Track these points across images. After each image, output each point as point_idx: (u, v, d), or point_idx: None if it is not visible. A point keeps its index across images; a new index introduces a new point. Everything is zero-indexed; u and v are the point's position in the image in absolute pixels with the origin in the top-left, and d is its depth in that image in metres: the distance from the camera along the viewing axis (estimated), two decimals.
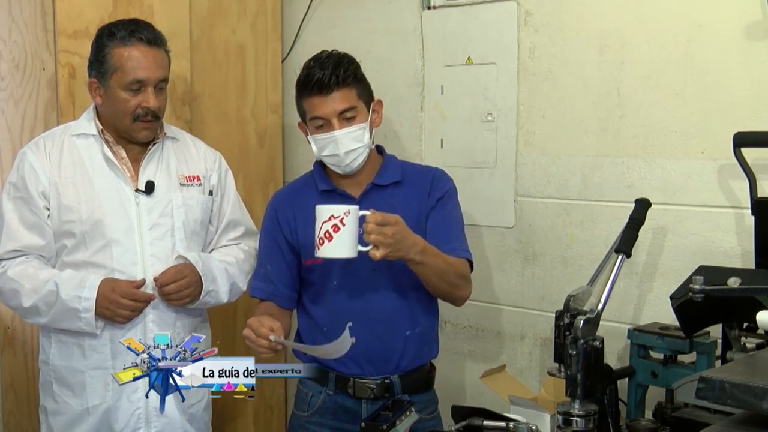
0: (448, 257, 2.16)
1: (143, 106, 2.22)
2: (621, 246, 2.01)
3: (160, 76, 2.24)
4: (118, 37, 2.22)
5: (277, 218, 2.30)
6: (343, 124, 2.15)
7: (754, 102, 2.16)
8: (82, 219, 2.23)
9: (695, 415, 1.82)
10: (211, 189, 2.42)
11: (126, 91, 2.22)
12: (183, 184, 2.35)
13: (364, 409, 2.22)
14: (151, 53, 2.23)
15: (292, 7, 3.15)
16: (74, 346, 2.28)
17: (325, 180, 2.26)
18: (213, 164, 2.44)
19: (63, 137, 2.30)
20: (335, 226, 2.01)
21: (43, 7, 2.60)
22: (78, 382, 2.28)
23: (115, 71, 2.22)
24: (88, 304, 2.17)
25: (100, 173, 2.27)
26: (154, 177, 2.30)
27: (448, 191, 2.27)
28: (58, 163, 2.26)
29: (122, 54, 2.21)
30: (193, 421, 2.39)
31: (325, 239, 2.00)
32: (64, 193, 2.24)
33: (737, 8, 2.16)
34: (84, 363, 2.27)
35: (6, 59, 2.67)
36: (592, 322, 1.79)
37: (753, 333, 1.91)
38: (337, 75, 2.12)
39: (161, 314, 2.30)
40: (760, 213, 2.03)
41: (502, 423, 1.85)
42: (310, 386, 2.29)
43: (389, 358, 2.21)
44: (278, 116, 3.13)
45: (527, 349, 2.63)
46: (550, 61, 2.52)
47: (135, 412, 2.28)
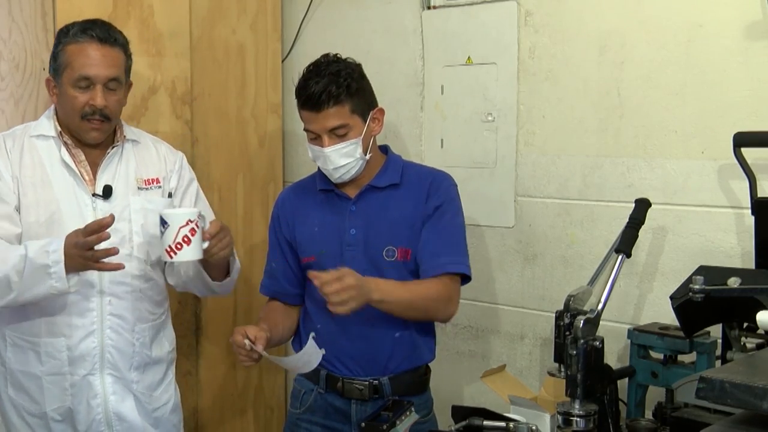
0: (418, 285, 2.16)
1: (90, 104, 2.17)
2: (621, 246, 2.02)
3: (110, 75, 2.18)
4: (71, 34, 2.20)
5: (279, 217, 2.34)
6: (334, 141, 2.14)
7: (754, 102, 2.16)
8: (39, 221, 2.19)
9: (695, 415, 1.82)
10: (171, 191, 2.37)
11: (74, 88, 2.18)
12: (141, 188, 2.30)
13: (354, 410, 2.23)
14: (101, 51, 2.18)
15: (292, 7, 3.15)
16: (30, 350, 2.23)
17: (324, 180, 2.27)
18: (173, 165, 2.39)
19: (23, 137, 2.25)
20: (192, 230, 2.05)
21: (43, 7, 2.60)
22: (35, 387, 2.24)
23: (66, 68, 2.18)
24: (57, 256, 2.05)
25: (59, 176, 2.22)
26: (112, 181, 2.26)
27: (448, 199, 2.24)
28: (19, 163, 2.22)
29: (73, 50, 2.18)
30: (159, 425, 2.35)
31: (184, 243, 2.03)
32: (23, 193, 2.20)
33: (737, 8, 2.16)
34: (40, 369, 2.23)
35: (6, 59, 2.67)
36: (592, 322, 1.79)
37: (753, 333, 1.91)
38: (330, 92, 2.10)
39: (119, 321, 2.25)
40: (760, 213, 2.03)
41: (502, 423, 1.85)
42: (304, 384, 2.31)
43: (377, 360, 2.22)
44: (278, 116, 3.13)
45: (527, 349, 2.63)
46: (550, 61, 2.52)
47: (95, 417, 2.25)
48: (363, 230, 2.22)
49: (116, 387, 2.26)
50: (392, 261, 2.21)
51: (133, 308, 2.27)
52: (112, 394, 2.26)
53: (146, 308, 2.31)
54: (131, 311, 2.27)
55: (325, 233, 2.25)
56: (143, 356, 2.31)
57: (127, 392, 2.28)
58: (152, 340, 2.34)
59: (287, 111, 3.16)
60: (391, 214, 2.23)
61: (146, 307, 2.31)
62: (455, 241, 2.23)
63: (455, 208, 2.25)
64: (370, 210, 2.23)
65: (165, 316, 2.42)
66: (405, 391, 2.22)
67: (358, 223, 2.23)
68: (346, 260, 2.19)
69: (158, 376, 2.37)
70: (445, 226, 2.22)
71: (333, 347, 2.20)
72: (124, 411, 2.27)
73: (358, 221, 2.23)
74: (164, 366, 2.39)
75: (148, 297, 2.31)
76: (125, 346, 2.27)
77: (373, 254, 2.21)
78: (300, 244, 2.29)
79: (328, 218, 2.26)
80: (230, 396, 3.07)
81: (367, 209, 2.23)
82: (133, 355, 2.28)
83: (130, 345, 2.28)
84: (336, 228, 2.24)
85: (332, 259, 2.20)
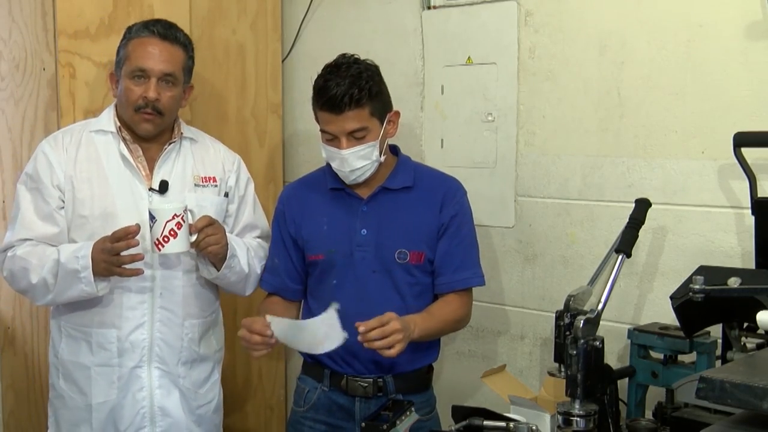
0: (443, 310, 2.24)
1: (143, 96, 2.22)
2: (621, 246, 2.02)
3: (165, 70, 2.24)
4: (134, 30, 2.28)
5: (284, 213, 2.33)
6: (352, 143, 2.14)
7: (754, 102, 2.16)
8: (94, 214, 2.24)
9: (695, 415, 1.82)
10: (227, 191, 2.41)
11: (131, 79, 2.23)
12: (198, 185, 2.35)
13: (358, 407, 2.23)
14: (160, 45, 2.24)
15: (292, 7, 3.15)
16: (83, 341, 2.28)
17: (335, 179, 2.26)
18: (231, 166, 2.44)
19: (82, 133, 2.31)
20: (178, 224, 2.10)
21: (43, 7, 2.60)
22: (83, 378, 2.29)
23: (125, 60, 2.25)
24: (85, 261, 2.13)
25: (116, 170, 2.28)
26: (169, 177, 2.31)
27: (462, 210, 2.28)
28: (75, 158, 2.27)
29: (134, 44, 2.25)
30: (202, 423, 2.39)
31: (170, 236, 2.09)
32: (78, 187, 2.25)
33: (737, 8, 2.16)
34: (91, 359, 2.28)
35: (6, 59, 2.67)
36: (592, 322, 1.79)
37: (753, 333, 1.91)
38: (351, 95, 2.09)
39: (169, 315, 2.29)
40: (760, 213, 2.03)
41: (502, 423, 1.85)
42: (307, 382, 2.32)
43: (382, 360, 2.21)
44: (278, 116, 3.13)
45: (527, 349, 2.63)
46: (550, 61, 2.52)
47: (140, 411, 2.28)
48: (375, 231, 2.22)
49: (163, 381, 2.30)
50: (404, 263, 2.22)
51: (183, 303, 2.32)
52: (158, 387, 2.29)
53: (196, 304, 2.35)
54: (182, 306, 2.31)
55: (334, 232, 2.24)
56: (191, 352, 2.34)
57: (173, 387, 2.31)
58: (201, 336, 2.37)
59: (287, 111, 3.16)
60: (404, 217, 2.23)
61: (196, 303, 2.35)
62: (473, 252, 2.30)
63: (470, 218, 2.31)
64: (382, 211, 2.23)
65: (215, 315, 2.46)
66: (409, 390, 2.23)
67: (370, 223, 2.22)
68: (356, 260, 2.20)
69: (205, 373, 2.40)
70: (463, 239, 2.27)
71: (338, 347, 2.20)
72: (169, 406, 2.31)
73: (369, 222, 2.22)
74: (211, 364, 2.42)
75: (198, 293, 2.35)
76: (174, 340, 2.30)
77: (385, 256, 2.21)
78: (307, 241, 2.28)
79: (338, 217, 2.25)
80: (230, 395, 3.06)
81: (378, 210, 2.23)
82: (182, 350, 2.32)
83: (178, 339, 2.31)
84: (346, 227, 2.24)
85: (342, 258, 2.22)
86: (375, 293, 2.21)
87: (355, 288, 2.21)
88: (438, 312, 2.23)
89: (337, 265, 2.22)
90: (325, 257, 2.24)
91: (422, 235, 2.23)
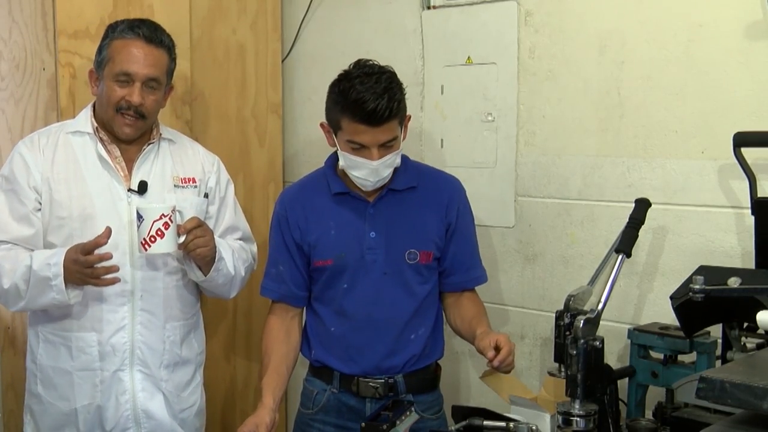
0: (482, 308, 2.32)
1: (126, 99, 2.20)
2: (621, 246, 2.02)
3: (150, 74, 2.22)
4: (119, 30, 2.24)
5: (287, 218, 2.28)
6: (382, 153, 2.12)
7: (754, 102, 2.15)
8: (72, 216, 2.22)
9: (695, 415, 1.82)
10: (207, 192, 2.39)
11: (114, 81, 2.21)
12: (177, 186, 2.32)
13: (368, 408, 2.23)
14: (145, 49, 2.22)
15: (292, 7, 3.15)
16: (61, 345, 2.26)
17: (338, 182, 2.24)
18: (211, 167, 2.42)
19: (59, 134, 2.29)
20: (166, 224, 2.09)
21: (43, 7, 2.60)
22: (65, 383, 2.26)
23: (108, 61, 2.22)
24: (57, 269, 2.10)
25: (94, 171, 2.25)
26: (148, 177, 2.28)
27: (466, 208, 2.32)
28: (52, 159, 2.25)
29: (118, 46, 2.22)
30: (184, 426, 2.37)
31: (157, 236, 2.08)
32: (56, 189, 2.23)
33: (737, 8, 2.16)
34: (71, 364, 2.25)
35: (6, 59, 2.67)
36: (592, 322, 1.79)
37: (753, 333, 1.91)
38: (391, 108, 2.07)
39: (150, 317, 2.27)
40: (760, 213, 2.03)
41: (502, 423, 1.85)
42: (316, 384, 2.30)
43: (394, 360, 2.22)
44: (278, 116, 3.12)
45: (527, 349, 2.63)
46: (550, 61, 2.52)
47: (124, 414, 2.27)
48: (383, 233, 2.21)
49: (145, 384, 2.28)
50: (414, 263, 2.22)
51: (165, 305, 2.30)
52: (141, 390, 2.28)
53: (178, 307, 2.33)
54: (163, 308, 2.29)
55: (342, 236, 2.22)
56: (173, 355, 2.33)
57: (156, 390, 2.30)
58: (183, 339, 2.36)
59: (287, 111, 3.15)
60: (411, 218, 2.23)
61: (178, 305, 2.33)
62: (477, 250, 2.35)
63: (472, 216, 2.34)
64: (389, 213, 2.22)
65: (197, 317, 2.44)
66: (419, 389, 2.24)
67: (378, 226, 2.21)
68: (367, 263, 2.20)
69: (187, 377, 2.38)
70: (470, 238, 2.32)
71: (348, 349, 2.21)
72: (152, 408, 2.29)
73: (377, 224, 2.22)
74: (193, 367, 2.41)
75: (179, 295, 2.34)
76: (156, 343, 2.29)
77: (395, 257, 2.21)
78: (314, 247, 2.24)
79: (345, 221, 2.23)
80: (230, 397, 3.06)
81: (385, 212, 2.23)
82: (163, 353, 2.30)
83: (160, 342, 2.30)
84: (354, 231, 2.22)
85: (353, 262, 2.20)
86: (387, 295, 2.21)
87: (367, 291, 2.21)
88: (484, 312, 2.30)
89: (348, 269, 2.21)
90: (335, 262, 2.22)
91: (430, 234, 2.23)
